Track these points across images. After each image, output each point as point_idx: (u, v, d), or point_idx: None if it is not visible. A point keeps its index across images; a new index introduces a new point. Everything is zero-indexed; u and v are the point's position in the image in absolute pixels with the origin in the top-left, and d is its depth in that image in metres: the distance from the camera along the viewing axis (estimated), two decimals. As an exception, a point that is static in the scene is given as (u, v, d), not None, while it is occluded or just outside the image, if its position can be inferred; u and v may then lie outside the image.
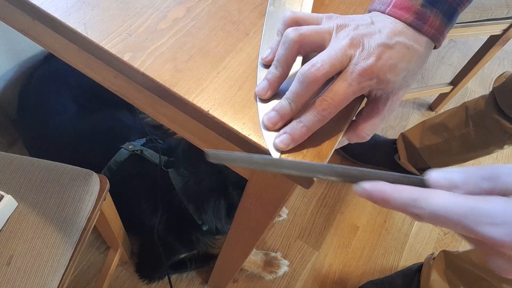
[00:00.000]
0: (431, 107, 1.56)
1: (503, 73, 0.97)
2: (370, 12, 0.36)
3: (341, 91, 0.32)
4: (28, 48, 1.01)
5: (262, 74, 0.37)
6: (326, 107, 0.32)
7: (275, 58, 0.35)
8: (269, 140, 0.33)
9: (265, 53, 0.38)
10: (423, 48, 0.33)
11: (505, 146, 1.01)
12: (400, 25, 0.33)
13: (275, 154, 0.33)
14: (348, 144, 0.62)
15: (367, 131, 0.37)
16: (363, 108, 0.37)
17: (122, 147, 0.90)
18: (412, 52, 0.33)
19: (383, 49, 0.31)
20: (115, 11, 0.39)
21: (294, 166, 0.28)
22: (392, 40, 0.32)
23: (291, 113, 0.33)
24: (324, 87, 0.33)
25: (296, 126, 0.32)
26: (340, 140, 0.36)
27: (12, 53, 0.98)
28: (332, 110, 0.32)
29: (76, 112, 0.97)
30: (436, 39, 0.34)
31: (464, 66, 1.33)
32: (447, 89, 1.43)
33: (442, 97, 1.50)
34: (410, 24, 0.33)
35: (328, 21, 0.35)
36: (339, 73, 0.32)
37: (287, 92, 0.33)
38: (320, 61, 0.32)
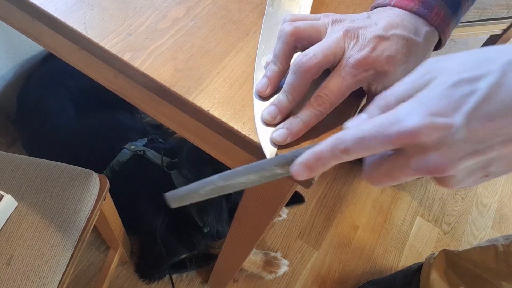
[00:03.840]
0: (431, 107, 1.56)
1: None
2: (374, 8, 0.36)
3: (335, 87, 0.32)
4: (28, 48, 1.01)
5: (259, 75, 0.37)
6: (321, 103, 0.32)
7: (273, 54, 0.35)
8: (262, 136, 0.33)
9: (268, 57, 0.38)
10: (422, 39, 0.33)
11: None
12: (398, 18, 0.33)
13: (271, 149, 0.33)
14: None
15: None
16: (364, 105, 0.37)
17: (124, 148, 0.90)
18: (411, 44, 0.32)
19: (378, 40, 0.32)
20: (115, 11, 0.39)
21: (246, 170, 0.28)
22: (388, 32, 0.32)
23: (289, 105, 0.33)
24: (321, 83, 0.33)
25: (293, 121, 0.33)
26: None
27: (12, 53, 0.98)
28: (328, 106, 0.32)
29: (75, 112, 0.97)
30: (441, 30, 0.34)
31: (464, 66, 1.33)
32: (447, 89, 1.42)
33: (442, 97, 1.50)
34: (415, 13, 0.33)
35: (325, 18, 0.35)
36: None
37: (283, 86, 0.34)
38: (313, 51, 0.32)
